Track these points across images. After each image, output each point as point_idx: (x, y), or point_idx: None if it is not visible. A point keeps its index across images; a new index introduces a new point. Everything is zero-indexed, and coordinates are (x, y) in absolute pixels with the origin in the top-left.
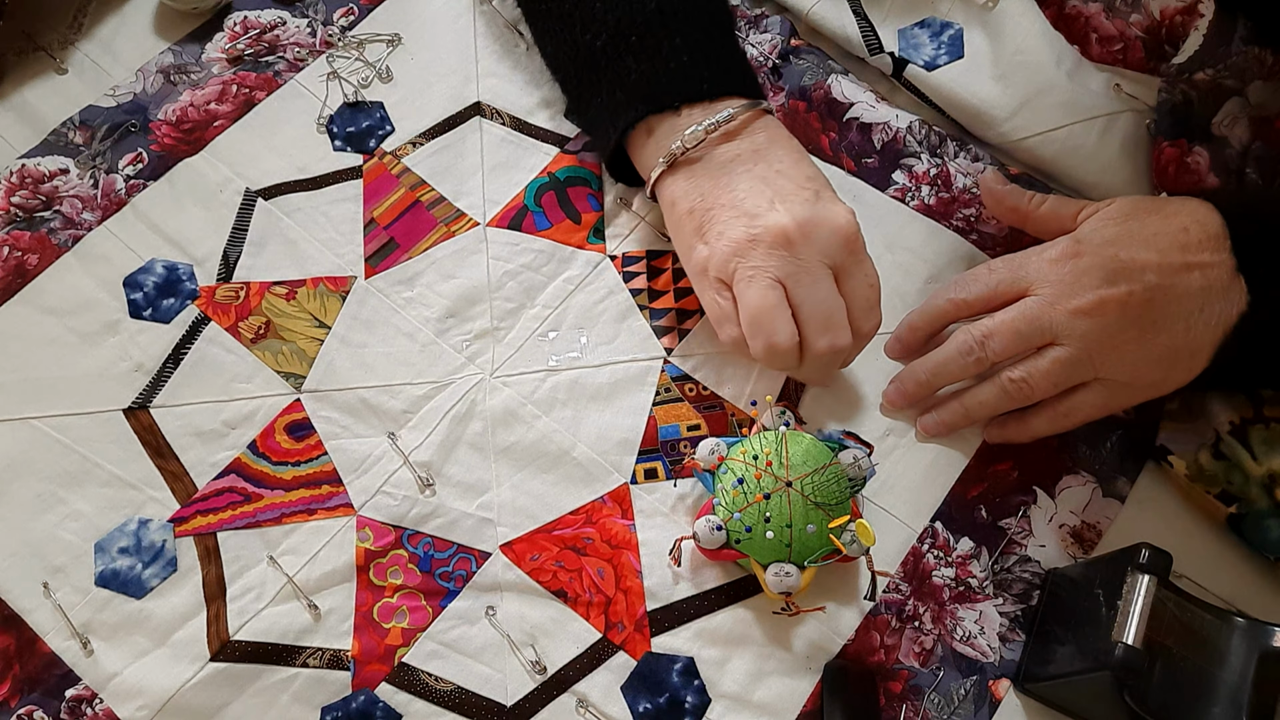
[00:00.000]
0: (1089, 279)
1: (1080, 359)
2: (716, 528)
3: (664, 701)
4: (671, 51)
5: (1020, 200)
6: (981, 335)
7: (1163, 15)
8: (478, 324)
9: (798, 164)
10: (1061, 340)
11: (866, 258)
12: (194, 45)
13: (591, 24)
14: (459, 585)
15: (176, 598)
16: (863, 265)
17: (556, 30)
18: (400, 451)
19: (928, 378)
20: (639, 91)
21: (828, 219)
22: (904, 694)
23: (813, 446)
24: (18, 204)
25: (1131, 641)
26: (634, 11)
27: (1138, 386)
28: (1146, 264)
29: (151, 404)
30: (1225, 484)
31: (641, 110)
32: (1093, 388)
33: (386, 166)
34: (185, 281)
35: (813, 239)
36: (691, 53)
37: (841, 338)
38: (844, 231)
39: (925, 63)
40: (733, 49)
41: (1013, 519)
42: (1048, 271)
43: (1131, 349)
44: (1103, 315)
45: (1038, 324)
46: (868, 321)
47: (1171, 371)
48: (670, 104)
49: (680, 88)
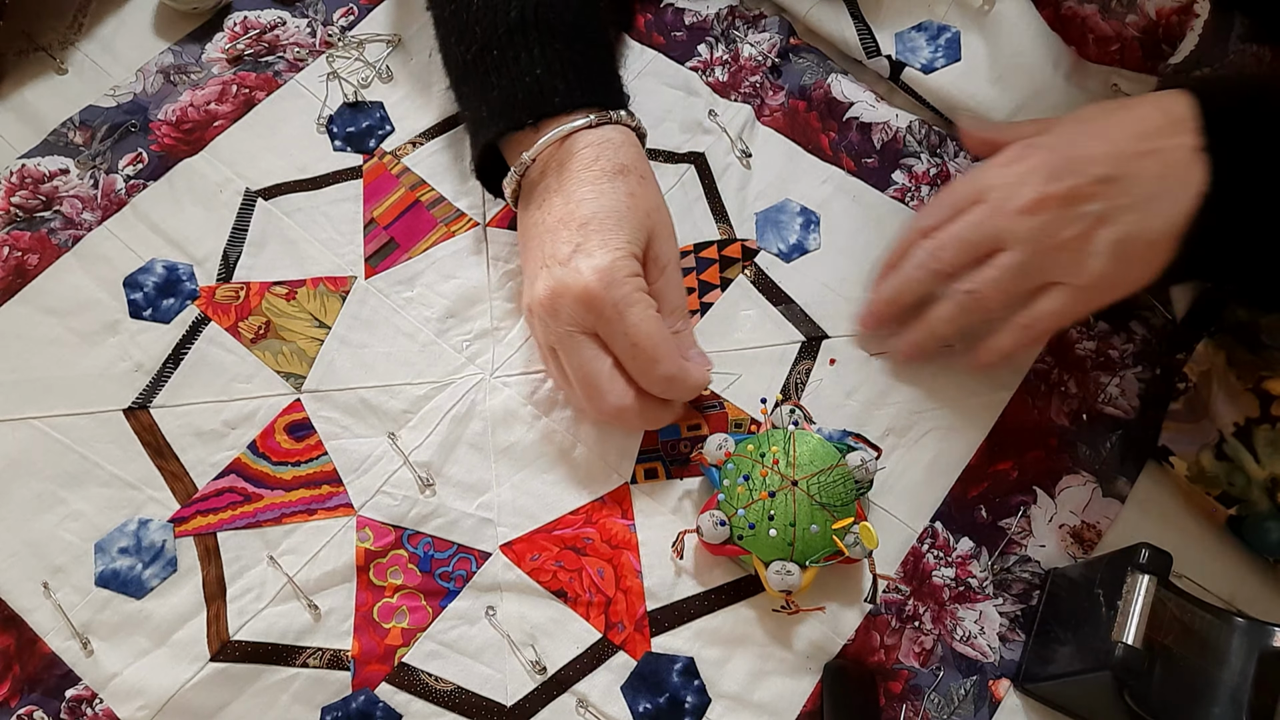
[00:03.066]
0: (1033, 178)
1: (1026, 261)
2: (720, 523)
3: (664, 701)
4: (528, 65)
5: (1000, 130)
6: (934, 246)
7: (1159, 15)
8: (477, 324)
9: (582, 203)
10: (1007, 244)
11: (620, 314)
12: (194, 45)
13: (465, 35)
14: (459, 585)
15: (176, 598)
16: (615, 325)
17: (441, 38)
18: (400, 451)
19: (892, 294)
20: (498, 108)
21: (568, 287)
22: (904, 694)
23: (820, 447)
24: (18, 204)
25: (1131, 641)
26: (496, 23)
27: (1098, 288)
28: (1094, 156)
29: (151, 404)
30: (1226, 486)
31: (501, 127)
32: (1050, 293)
33: (386, 166)
34: (185, 281)
35: (560, 310)
36: (548, 65)
37: (611, 401)
38: (582, 296)
39: (922, 65)
40: (594, 57)
41: (1013, 519)
42: (994, 176)
43: (1080, 245)
44: (1044, 212)
45: (982, 229)
46: (649, 376)
47: (1130, 267)
48: (524, 121)
49: (533, 105)
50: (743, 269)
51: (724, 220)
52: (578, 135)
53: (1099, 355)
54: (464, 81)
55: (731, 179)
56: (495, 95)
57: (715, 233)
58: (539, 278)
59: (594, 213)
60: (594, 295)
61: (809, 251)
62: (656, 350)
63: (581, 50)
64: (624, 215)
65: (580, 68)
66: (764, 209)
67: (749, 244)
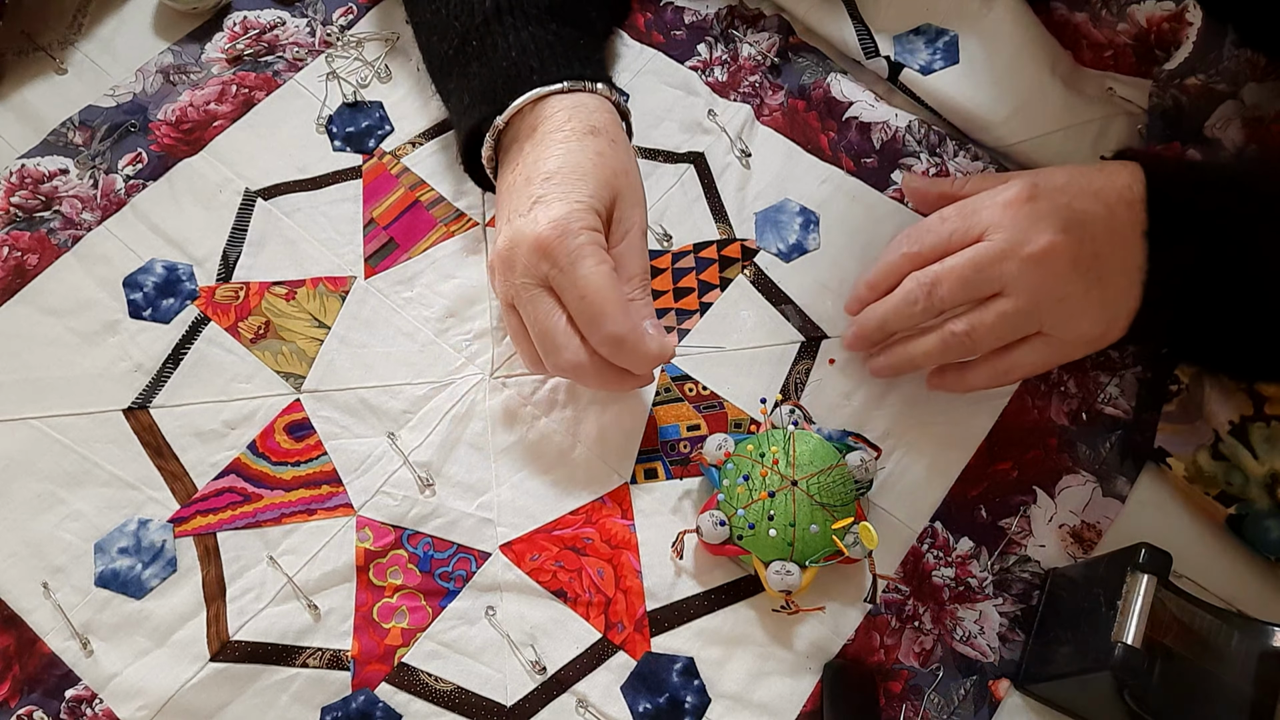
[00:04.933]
0: (1045, 224)
1: (1026, 311)
2: (720, 523)
3: (664, 701)
4: (505, 50)
5: (945, 186)
6: (930, 282)
7: (1149, 23)
8: (477, 324)
9: (549, 159)
10: (1009, 292)
11: (572, 264)
12: (193, 45)
13: (445, 32)
14: (459, 585)
15: (176, 598)
16: (567, 274)
17: (422, 41)
18: (400, 451)
19: (879, 323)
20: (479, 95)
21: (524, 235)
22: (904, 694)
23: (820, 447)
24: (18, 204)
25: (1131, 641)
26: (473, 14)
27: (1078, 342)
28: (1096, 215)
29: (151, 404)
30: (1224, 485)
31: (484, 112)
32: (1034, 343)
33: (386, 166)
34: (185, 281)
35: (515, 261)
36: (523, 48)
37: (565, 357)
38: (535, 243)
39: (921, 67)
40: (571, 37)
41: (1013, 519)
42: (1001, 216)
43: (1076, 302)
44: (1054, 262)
45: (987, 273)
46: (596, 333)
47: (1110, 327)
48: (505, 103)
49: (511, 85)
50: (742, 269)
51: (723, 220)
52: (551, 99)
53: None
54: (447, 77)
55: (731, 179)
56: (476, 84)
57: (715, 232)
58: (501, 232)
59: (558, 168)
60: (546, 243)
61: (808, 251)
62: (605, 305)
63: (557, 31)
64: (587, 171)
65: (556, 47)
66: (763, 209)
67: (748, 244)
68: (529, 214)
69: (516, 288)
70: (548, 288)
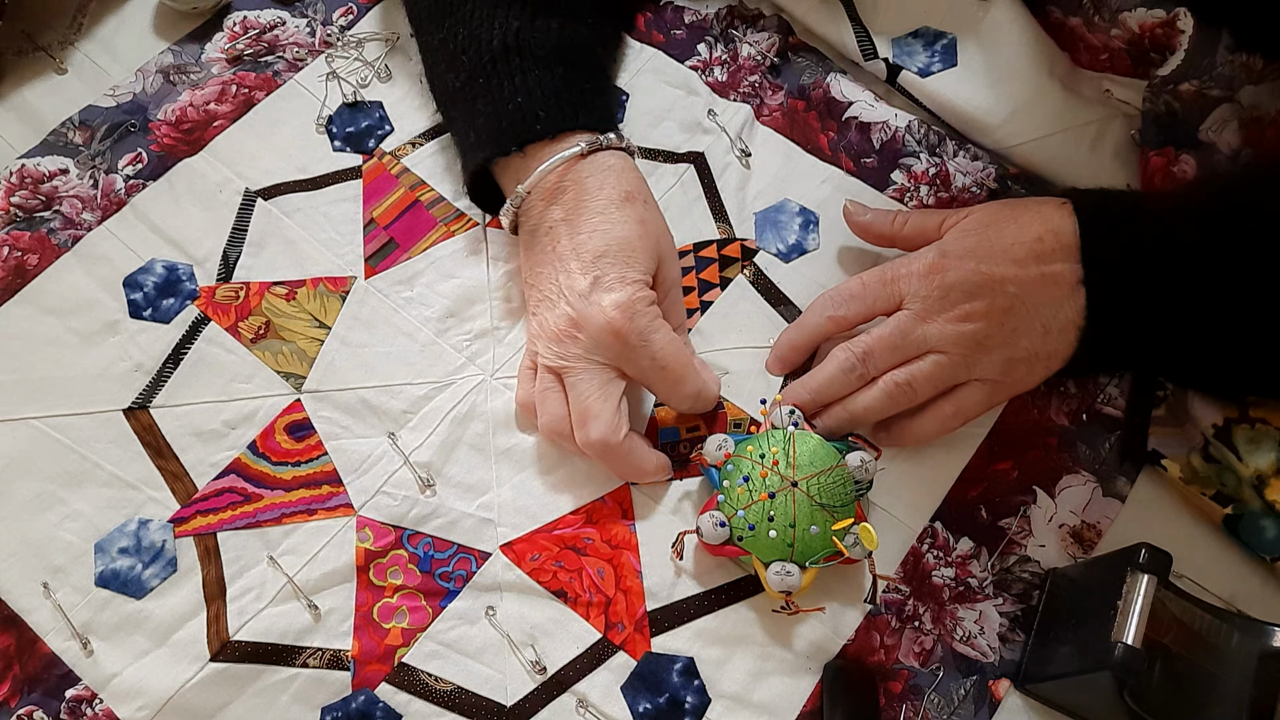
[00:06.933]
0: (955, 294)
1: (957, 362)
2: (720, 524)
3: (664, 701)
4: (510, 92)
5: (885, 224)
6: (862, 352)
7: (1141, 30)
8: (477, 324)
9: (594, 234)
10: (938, 349)
11: (645, 341)
12: (193, 45)
13: (454, 64)
14: (459, 585)
15: (176, 598)
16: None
17: (429, 66)
18: (400, 452)
19: (812, 396)
20: (484, 135)
21: (592, 320)
22: (904, 694)
23: (820, 448)
24: (18, 204)
25: (1131, 641)
26: (480, 52)
27: (1011, 383)
28: (1005, 277)
29: (151, 404)
30: (1219, 485)
31: (488, 153)
32: (972, 387)
33: (386, 166)
34: (185, 281)
35: (578, 339)
36: (529, 92)
37: (597, 428)
38: (607, 328)
39: (919, 70)
40: (578, 80)
41: (1013, 519)
42: (917, 286)
43: (1001, 350)
44: (969, 324)
45: (912, 338)
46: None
47: (1033, 370)
48: (508, 148)
49: (517, 131)
50: (742, 269)
51: (723, 220)
52: (578, 164)
53: None
54: (452, 107)
55: (731, 179)
56: (481, 122)
57: (714, 232)
58: (556, 306)
59: (607, 245)
60: (619, 330)
61: (808, 252)
62: (684, 370)
63: (564, 74)
64: (636, 246)
65: (563, 92)
66: (763, 209)
67: (748, 244)
68: (590, 296)
69: (572, 359)
70: (606, 364)
